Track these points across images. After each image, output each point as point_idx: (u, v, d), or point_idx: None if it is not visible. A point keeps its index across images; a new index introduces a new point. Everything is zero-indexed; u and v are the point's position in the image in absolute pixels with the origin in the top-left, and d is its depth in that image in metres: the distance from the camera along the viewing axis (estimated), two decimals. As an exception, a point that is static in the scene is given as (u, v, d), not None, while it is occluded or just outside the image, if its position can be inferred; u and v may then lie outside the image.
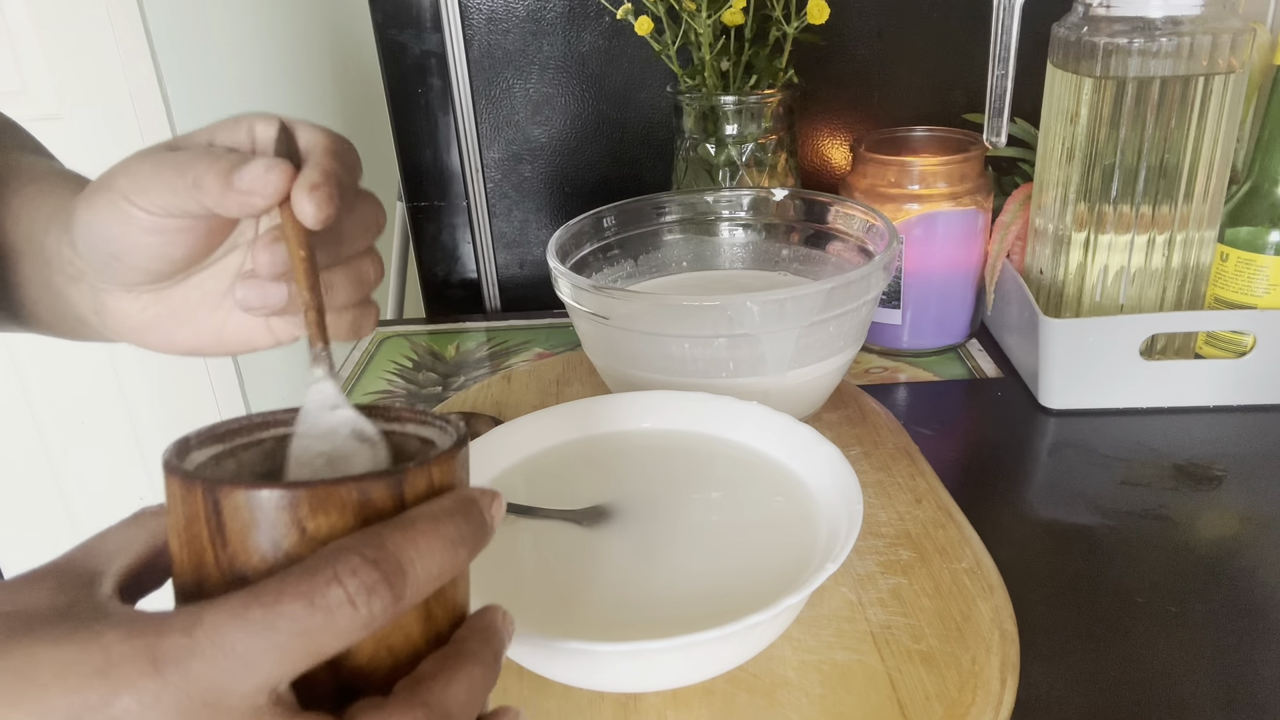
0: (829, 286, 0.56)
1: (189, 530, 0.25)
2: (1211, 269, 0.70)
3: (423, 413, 0.30)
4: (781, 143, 0.82)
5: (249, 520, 0.24)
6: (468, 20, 0.89)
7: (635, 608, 0.44)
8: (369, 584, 0.23)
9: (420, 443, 0.30)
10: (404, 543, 0.24)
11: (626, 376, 0.61)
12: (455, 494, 0.26)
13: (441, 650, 0.26)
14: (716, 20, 0.77)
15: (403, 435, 0.30)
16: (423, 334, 0.90)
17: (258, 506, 0.24)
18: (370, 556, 0.23)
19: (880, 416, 0.66)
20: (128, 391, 1.56)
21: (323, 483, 0.24)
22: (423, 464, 0.26)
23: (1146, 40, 0.63)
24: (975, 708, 0.43)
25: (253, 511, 0.24)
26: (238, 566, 0.24)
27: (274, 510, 0.24)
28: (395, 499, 0.25)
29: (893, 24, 0.89)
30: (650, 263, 0.73)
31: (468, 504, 0.26)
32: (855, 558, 0.52)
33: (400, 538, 0.24)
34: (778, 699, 0.43)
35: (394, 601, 0.23)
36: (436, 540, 0.25)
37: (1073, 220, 0.69)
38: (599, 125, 0.93)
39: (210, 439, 0.28)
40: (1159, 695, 0.46)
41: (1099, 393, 0.70)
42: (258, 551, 0.24)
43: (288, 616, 0.22)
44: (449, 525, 0.25)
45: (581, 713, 0.44)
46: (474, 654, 0.26)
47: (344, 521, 0.24)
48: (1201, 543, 0.57)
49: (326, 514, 0.24)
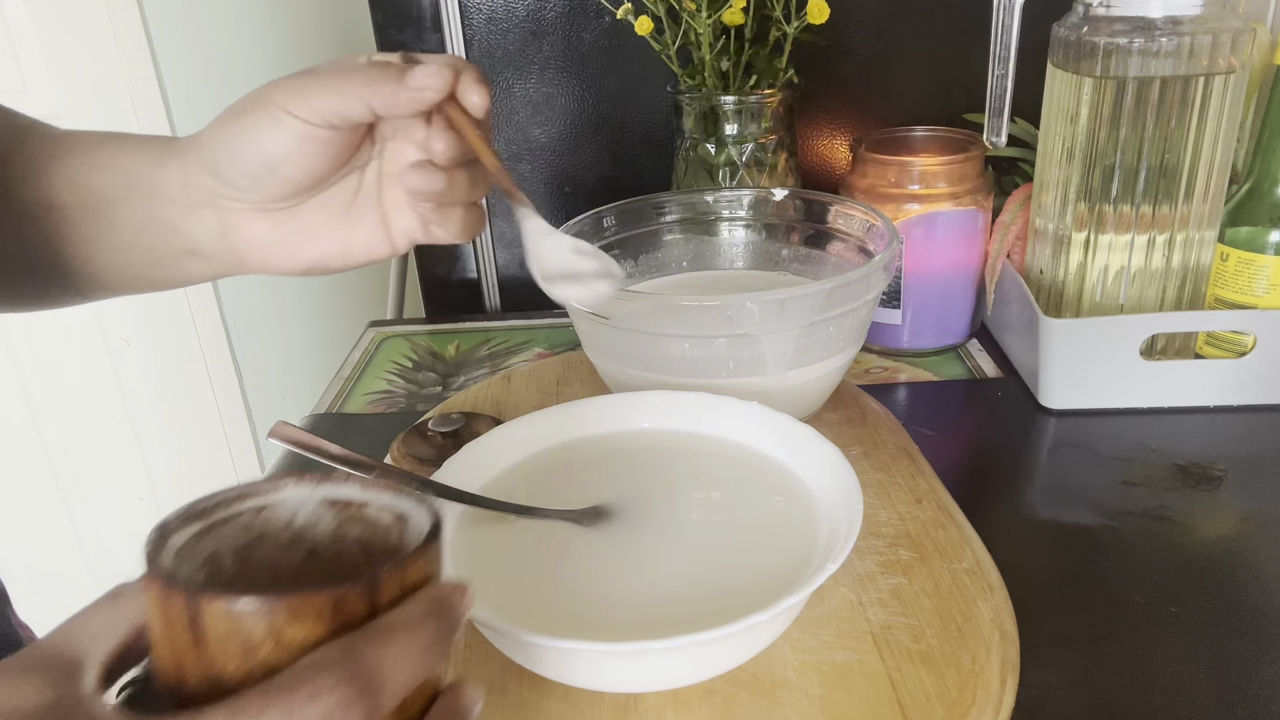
0: (829, 286, 0.56)
1: (168, 631, 0.25)
2: (1212, 269, 0.70)
3: (398, 484, 0.30)
4: (781, 143, 0.82)
5: (227, 628, 0.25)
6: (468, 20, 0.89)
7: (636, 607, 0.44)
8: (347, 700, 0.23)
9: (394, 519, 0.30)
10: (381, 654, 0.24)
11: (626, 376, 0.61)
12: (429, 595, 0.27)
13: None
14: (716, 20, 0.77)
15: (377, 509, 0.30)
16: (423, 334, 0.90)
17: (236, 615, 0.25)
18: (349, 672, 0.24)
19: (880, 416, 0.66)
20: (128, 391, 1.56)
21: (299, 593, 0.25)
22: (397, 565, 0.26)
23: (1146, 40, 0.63)
24: (975, 708, 0.43)
25: (231, 620, 0.25)
26: (215, 669, 0.25)
27: (252, 618, 0.25)
28: (370, 604, 0.26)
29: (893, 24, 0.89)
30: (650, 263, 0.73)
31: (442, 605, 0.26)
32: (855, 558, 0.52)
33: (378, 650, 0.25)
34: (778, 699, 0.43)
35: (372, 713, 0.24)
36: (413, 648, 0.25)
37: (1073, 220, 0.69)
38: (599, 125, 0.93)
39: (189, 517, 0.28)
40: (1159, 695, 0.46)
41: (1099, 393, 0.70)
42: (235, 656, 0.25)
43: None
44: (424, 631, 0.26)
45: (581, 713, 0.44)
46: None
47: (320, 628, 0.25)
48: (1201, 543, 0.57)
49: (302, 622, 0.25)
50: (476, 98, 0.41)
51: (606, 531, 0.49)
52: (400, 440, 0.64)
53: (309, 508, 0.30)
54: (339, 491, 0.30)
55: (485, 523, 0.49)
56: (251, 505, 0.30)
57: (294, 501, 0.30)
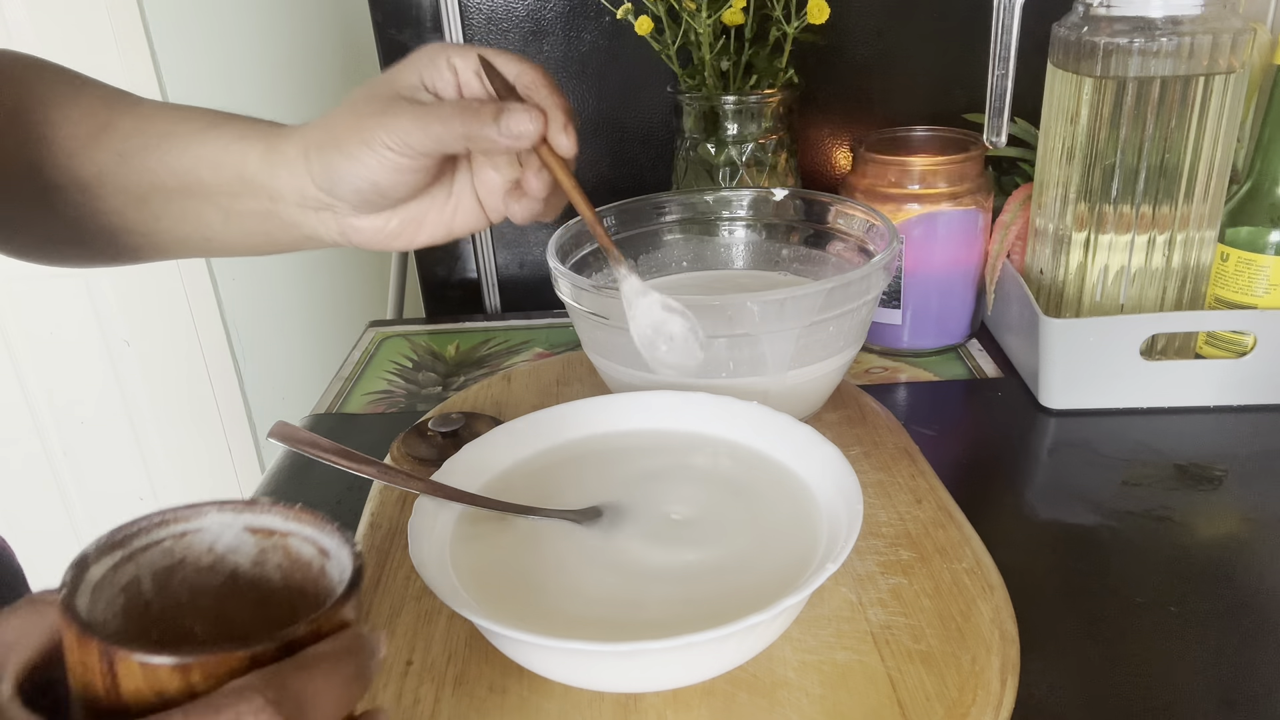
0: (829, 286, 0.56)
1: (84, 670, 0.25)
2: (1212, 269, 0.70)
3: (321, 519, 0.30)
4: (781, 143, 0.82)
5: (142, 679, 0.25)
6: (468, 20, 0.89)
7: (635, 607, 0.44)
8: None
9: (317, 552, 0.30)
10: (305, 683, 0.25)
11: (626, 376, 0.61)
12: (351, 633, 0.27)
13: None
14: (716, 20, 0.77)
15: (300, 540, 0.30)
16: (423, 334, 0.90)
17: (151, 670, 0.25)
18: (272, 698, 0.24)
19: (880, 416, 0.66)
20: (128, 391, 1.56)
21: (215, 651, 0.25)
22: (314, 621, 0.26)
23: (1147, 40, 0.63)
24: (975, 708, 0.43)
25: (145, 673, 0.25)
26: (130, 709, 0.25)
27: (166, 675, 0.25)
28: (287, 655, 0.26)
29: (893, 24, 0.89)
30: (650, 263, 0.73)
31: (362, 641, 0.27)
32: (855, 558, 0.52)
33: (302, 678, 0.25)
34: (778, 699, 0.43)
35: None
36: (336, 679, 0.25)
37: (1073, 220, 0.69)
38: (599, 125, 0.93)
39: (109, 547, 0.28)
40: (1159, 695, 0.46)
41: (1099, 393, 0.70)
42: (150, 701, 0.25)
43: None
44: (347, 664, 0.26)
45: (581, 713, 0.44)
46: None
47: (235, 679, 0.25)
48: (1202, 543, 0.57)
49: (218, 680, 0.25)
50: (565, 140, 0.47)
51: (606, 531, 0.49)
52: (400, 440, 0.64)
53: (231, 534, 0.30)
54: (261, 520, 0.30)
55: (485, 523, 0.49)
56: (173, 531, 0.30)
57: (216, 528, 0.30)
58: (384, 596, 0.51)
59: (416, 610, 0.50)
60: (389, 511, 0.59)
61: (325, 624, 0.27)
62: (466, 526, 0.49)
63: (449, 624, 0.49)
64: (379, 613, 0.50)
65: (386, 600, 0.51)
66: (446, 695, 0.45)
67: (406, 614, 0.50)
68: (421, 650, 0.48)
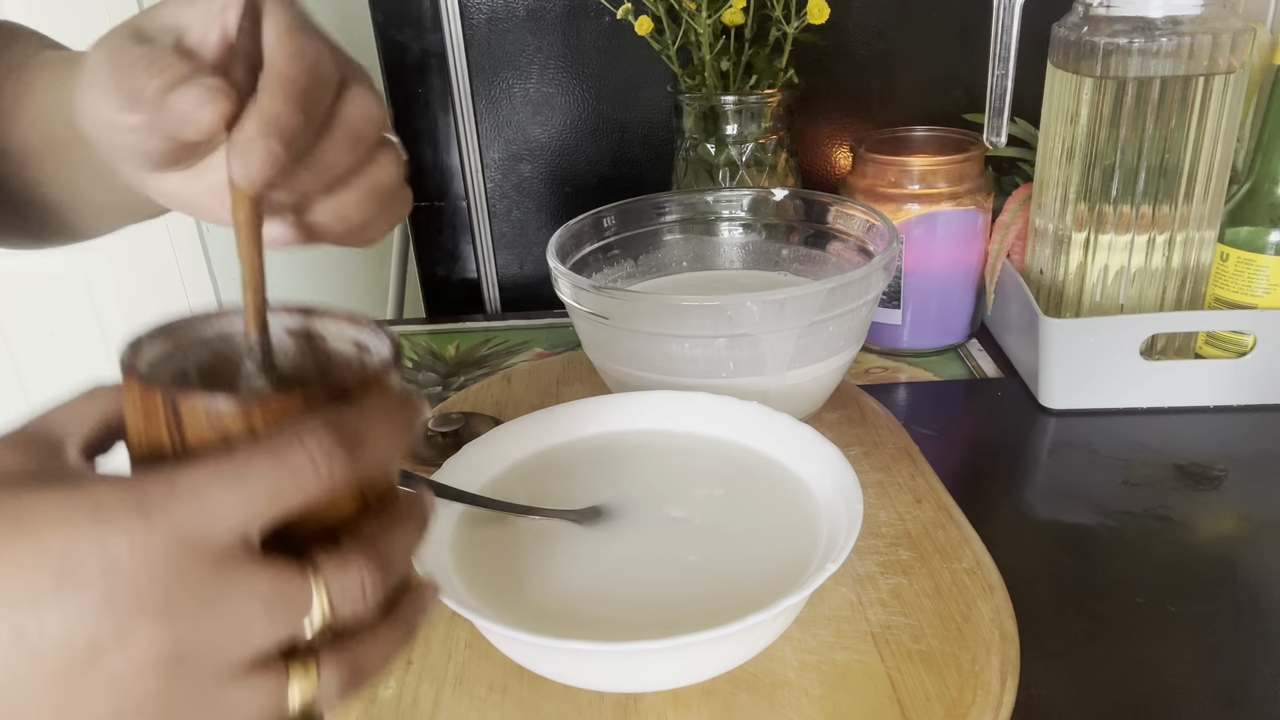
0: (829, 286, 0.56)
1: (147, 427, 0.27)
2: (1211, 269, 0.70)
3: (355, 315, 0.31)
4: (781, 143, 0.82)
5: (206, 425, 0.26)
6: (468, 20, 0.89)
7: (635, 607, 0.44)
8: (328, 448, 0.26)
9: (354, 346, 0.31)
10: (360, 422, 0.27)
11: (626, 376, 0.61)
12: (396, 391, 0.29)
13: (379, 516, 0.29)
14: (716, 20, 0.77)
15: (337, 339, 0.31)
16: (423, 334, 0.90)
17: (214, 416, 0.26)
18: (331, 427, 0.26)
19: (880, 416, 0.66)
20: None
21: (275, 395, 0.26)
22: (365, 379, 0.28)
23: (1146, 40, 0.63)
24: (975, 708, 0.43)
25: (209, 419, 0.26)
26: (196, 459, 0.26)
27: (229, 418, 0.26)
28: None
29: (893, 24, 0.89)
30: (650, 263, 0.73)
31: (408, 396, 0.29)
32: (855, 558, 0.52)
33: (358, 418, 0.27)
34: (778, 699, 0.43)
35: (350, 468, 0.26)
36: (388, 424, 0.28)
37: (1073, 220, 0.69)
38: (599, 125, 0.93)
39: (159, 334, 0.29)
40: (1159, 695, 0.46)
41: (1099, 393, 0.70)
42: (214, 449, 0.26)
43: (256, 473, 0.25)
44: (396, 414, 0.28)
45: (581, 713, 0.44)
46: (406, 517, 0.29)
47: None
48: (1201, 543, 0.57)
49: (278, 424, 0.26)
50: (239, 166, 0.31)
51: (606, 531, 0.49)
52: (400, 440, 0.64)
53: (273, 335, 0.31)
54: (299, 322, 0.31)
55: (485, 523, 0.49)
56: (216, 330, 0.30)
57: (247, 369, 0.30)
58: (384, 596, 0.51)
59: (416, 610, 0.50)
60: (389, 511, 0.59)
61: (373, 382, 0.28)
62: (467, 527, 0.49)
63: (449, 624, 0.49)
64: (379, 613, 0.50)
65: (386, 600, 0.51)
66: (446, 695, 0.45)
67: (406, 614, 0.50)
68: (421, 650, 0.48)
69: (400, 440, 0.28)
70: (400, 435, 0.28)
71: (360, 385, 0.28)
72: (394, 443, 0.28)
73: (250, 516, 0.25)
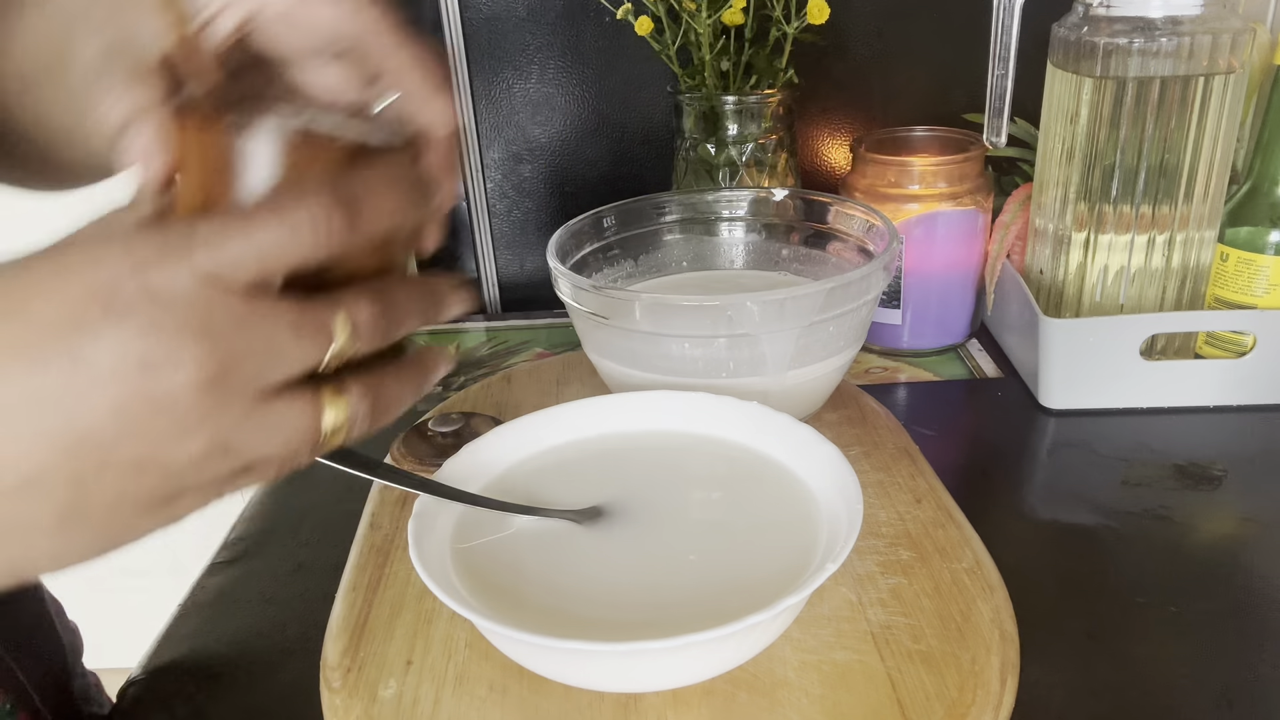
0: (829, 286, 0.56)
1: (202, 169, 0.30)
2: (1211, 269, 0.70)
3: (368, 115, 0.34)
4: (781, 143, 0.82)
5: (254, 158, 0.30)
6: (468, 20, 0.89)
7: (635, 608, 0.44)
8: (327, 208, 0.28)
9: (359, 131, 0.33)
10: (362, 186, 0.29)
11: (626, 376, 0.61)
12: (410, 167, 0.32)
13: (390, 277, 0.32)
14: (716, 20, 0.77)
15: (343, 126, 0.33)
16: (423, 334, 0.90)
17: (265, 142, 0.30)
18: (331, 190, 0.29)
19: (880, 416, 0.66)
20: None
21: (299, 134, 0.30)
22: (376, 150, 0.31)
23: (1146, 40, 0.63)
24: (975, 708, 0.43)
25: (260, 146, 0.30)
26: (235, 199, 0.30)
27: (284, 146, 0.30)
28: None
29: (893, 24, 0.89)
30: (650, 263, 0.73)
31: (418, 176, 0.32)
32: (855, 558, 0.52)
33: (358, 179, 0.30)
34: (778, 699, 0.43)
35: (348, 227, 0.29)
36: (391, 192, 0.30)
37: (1073, 220, 0.69)
38: (599, 125, 0.93)
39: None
40: (1159, 695, 0.46)
41: (1099, 393, 0.70)
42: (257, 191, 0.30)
43: (261, 227, 0.28)
44: (403, 181, 0.31)
45: (581, 713, 0.44)
46: (415, 282, 0.33)
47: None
48: (1201, 543, 0.57)
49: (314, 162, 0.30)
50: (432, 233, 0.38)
51: (606, 531, 0.49)
52: (400, 440, 0.64)
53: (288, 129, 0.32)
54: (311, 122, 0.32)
55: (485, 523, 0.49)
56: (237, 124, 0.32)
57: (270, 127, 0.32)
58: (384, 596, 0.51)
59: (417, 610, 0.50)
60: (389, 512, 0.59)
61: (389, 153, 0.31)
62: (467, 527, 0.49)
63: (449, 624, 0.49)
64: (379, 613, 0.50)
65: (387, 600, 0.51)
66: (446, 695, 0.45)
67: (406, 614, 0.50)
68: (421, 650, 0.48)
69: (398, 208, 0.31)
70: (401, 201, 0.31)
71: (361, 156, 0.30)
72: (393, 209, 0.30)
73: (264, 262, 0.28)
